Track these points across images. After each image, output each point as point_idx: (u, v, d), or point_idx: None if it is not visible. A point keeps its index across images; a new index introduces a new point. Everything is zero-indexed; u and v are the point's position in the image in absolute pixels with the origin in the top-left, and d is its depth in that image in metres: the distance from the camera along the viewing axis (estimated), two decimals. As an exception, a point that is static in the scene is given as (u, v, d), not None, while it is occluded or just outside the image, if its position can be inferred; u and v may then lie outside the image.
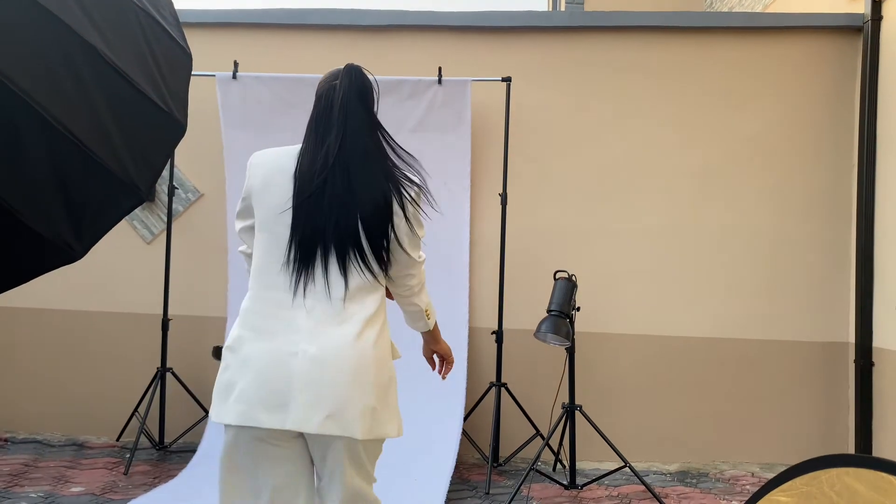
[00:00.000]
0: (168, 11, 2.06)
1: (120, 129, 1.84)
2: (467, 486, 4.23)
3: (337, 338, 1.94)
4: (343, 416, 1.91)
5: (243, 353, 1.96)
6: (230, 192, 4.80)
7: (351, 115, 2.05)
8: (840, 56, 4.85)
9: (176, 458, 4.60)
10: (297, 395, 1.90)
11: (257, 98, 4.76)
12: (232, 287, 4.76)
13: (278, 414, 1.90)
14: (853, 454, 1.69)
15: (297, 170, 2.01)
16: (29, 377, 5.09)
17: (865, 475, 1.59)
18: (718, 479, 4.50)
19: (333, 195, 1.97)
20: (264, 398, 1.91)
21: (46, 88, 1.72)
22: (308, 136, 2.07)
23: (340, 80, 2.08)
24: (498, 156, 4.81)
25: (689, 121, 4.90)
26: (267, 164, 2.06)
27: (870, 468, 1.59)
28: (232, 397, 1.94)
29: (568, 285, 4.06)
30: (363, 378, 1.94)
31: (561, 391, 4.40)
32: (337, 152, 1.99)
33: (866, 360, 4.58)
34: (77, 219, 1.81)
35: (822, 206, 4.85)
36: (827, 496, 1.64)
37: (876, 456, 1.64)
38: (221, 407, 1.96)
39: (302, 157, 2.03)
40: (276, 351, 1.93)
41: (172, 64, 2.03)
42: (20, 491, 3.96)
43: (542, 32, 4.97)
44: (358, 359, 1.94)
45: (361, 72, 2.10)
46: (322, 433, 1.90)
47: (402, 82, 4.73)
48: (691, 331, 4.85)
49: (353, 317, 1.98)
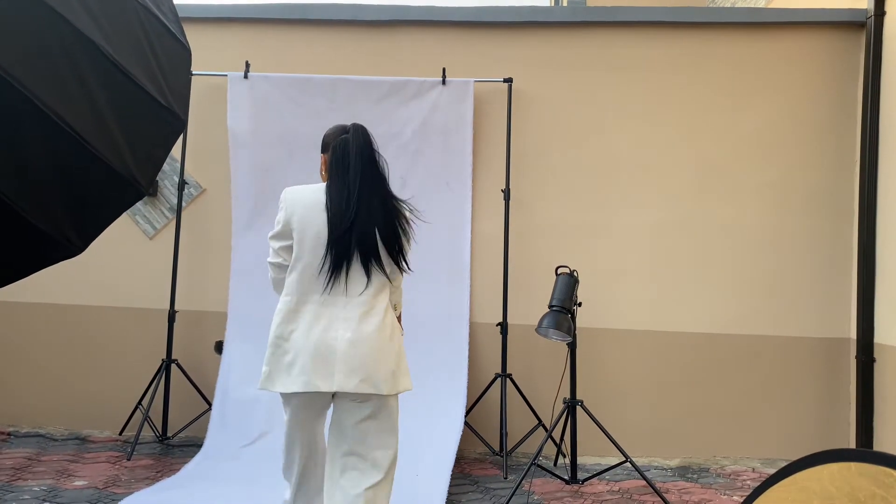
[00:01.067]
0: (167, 7, 2.07)
1: (120, 124, 1.85)
2: (469, 481, 4.24)
3: (365, 325, 2.71)
4: (373, 379, 2.68)
5: (300, 341, 2.70)
6: (235, 189, 4.83)
7: (365, 160, 2.82)
8: (843, 52, 4.83)
9: (178, 452, 4.62)
10: (340, 367, 2.66)
11: (265, 97, 4.83)
12: (234, 283, 4.77)
13: (328, 380, 2.66)
14: (855, 449, 1.69)
15: (327, 202, 2.75)
16: (31, 371, 5.11)
17: (868, 470, 1.58)
18: (719, 474, 4.51)
19: (358, 221, 2.71)
20: (319, 370, 2.66)
21: (47, 83, 1.72)
22: (332, 175, 2.80)
23: (352, 134, 2.83)
24: (500, 152, 4.82)
25: (692, 117, 4.89)
26: (303, 200, 2.79)
27: (872, 463, 1.59)
28: (294, 372, 2.68)
29: (570, 280, 4.06)
30: (385, 352, 2.72)
31: (562, 386, 4.41)
32: (358, 188, 2.75)
33: (867, 356, 4.58)
34: (77, 213, 1.81)
35: (824, 202, 4.84)
36: (827, 491, 1.64)
37: (878, 451, 1.64)
38: (287, 379, 2.69)
39: (329, 191, 2.77)
40: (324, 337, 2.69)
41: (172, 59, 2.03)
42: (23, 484, 3.98)
43: (544, 28, 4.96)
44: (379, 340, 2.71)
45: (365, 128, 2.89)
46: (358, 391, 2.67)
47: (406, 83, 4.79)
48: (693, 327, 4.85)
49: (373, 309, 2.75)
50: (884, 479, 1.55)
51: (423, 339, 4.61)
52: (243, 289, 4.75)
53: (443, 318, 4.69)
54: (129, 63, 1.87)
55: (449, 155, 4.80)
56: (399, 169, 4.77)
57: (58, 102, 1.72)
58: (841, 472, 1.63)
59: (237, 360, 4.64)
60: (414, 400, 4.51)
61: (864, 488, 1.58)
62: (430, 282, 4.67)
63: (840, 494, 1.62)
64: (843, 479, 1.62)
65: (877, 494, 1.55)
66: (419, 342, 4.62)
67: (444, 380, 4.57)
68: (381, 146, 4.67)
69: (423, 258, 4.70)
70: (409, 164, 4.78)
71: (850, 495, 1.60)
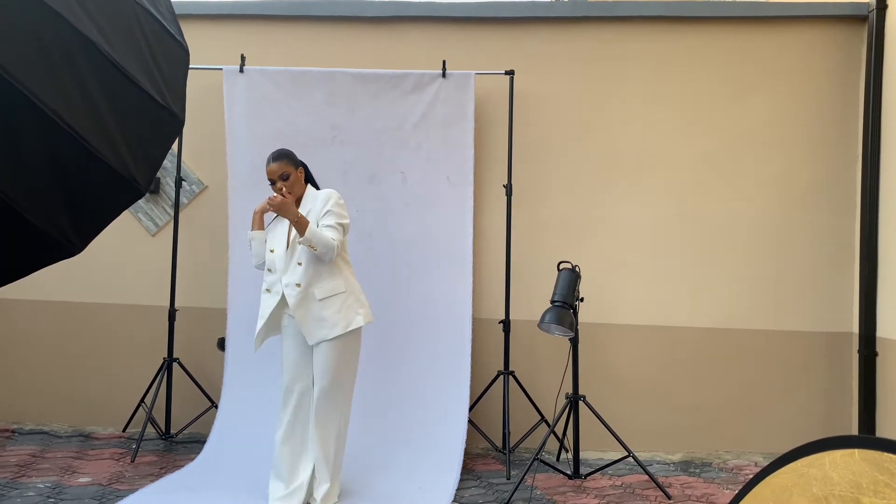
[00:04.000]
0: (165, 7, 2.07)
1: (118, 124, 1.85)
2: (472, 476, 4.25)
3: None
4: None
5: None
6: (232, 185, 4.77)
7: None
8: (845, 46, 4.81)
9: (182, 449, 4.64)
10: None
11: (262, 91, 4.76)
12: (232, 280, 4.72)
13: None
14: (858, 436, 1.69)
15: None
16: (35, 369, 5.13)
17: (871, 456, 1.58)
18: (722, 468, 4.51)
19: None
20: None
21: (46, 83, 1.73)
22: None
23: None
24: (501, 147, 4.81)
25: (694, 111, 4.88)
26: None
27: (877, 449, 1.58)
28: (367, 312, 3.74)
29: (572, 276, 4.06)
30: None
31: (565, 381, 4.41)
32: None
33: (870, 350, 4.57)
34: (76, 213, 1.82)
35: (827, 195, 4.83)
36: (828, 477, 1.64)
37: (882, 437, 1.63)
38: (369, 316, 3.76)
39: None
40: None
41: (170, 59, 2.04)
42: (28, 481, 4.00)
43: (545, 23, 4.95)
44: None
45: None
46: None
47: (406, 76, 4.72)
48: (695, 321, 4.85)
49: None
50: (889, 465, 1.54)
51: (425, 335, 4.61)
52: (242, 286, 4.68)
53: (445, 315, 4.66)
54: (127, 62, 1.87)
55: (450, 149, 4.73)
56: (399, 163, 4.73)
57: (56, 102, 1.73)
58: (843, 458, 1.62)
59: (239, 356, 4.63)
60: (417, 397, 4.55)
61: (867, 474, 1.57)
62: (431, 278, 4.65)
63: (841, 480, 1.61)
64: (845, 466, 1.62)
65: (879, 480, 1.55)
66: (421, 338, 4.62)
67: (447, 377, 4.56)
68: (380, 140, 4.73)
69: (425, 254, 4.69)
70: (409, 158, 4.72)
71: (852, 481, 1.59)
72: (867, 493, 1.57)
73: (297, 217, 3.50)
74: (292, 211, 3.51)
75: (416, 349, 4.62)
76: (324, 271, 3.61)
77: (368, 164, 4.74)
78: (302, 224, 3.49)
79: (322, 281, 3.60)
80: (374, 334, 4.50)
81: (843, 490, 1.61)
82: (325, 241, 3.50)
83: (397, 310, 4.62)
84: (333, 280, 3.62)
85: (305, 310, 3.58)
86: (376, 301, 4.59)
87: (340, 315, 3.59)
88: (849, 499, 1.59)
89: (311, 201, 3.68)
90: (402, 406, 4.53)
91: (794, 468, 1.71)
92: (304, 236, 3.48)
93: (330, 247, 3.52)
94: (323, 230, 3.55)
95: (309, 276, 3.59)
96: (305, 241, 3.49)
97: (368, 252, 4.58)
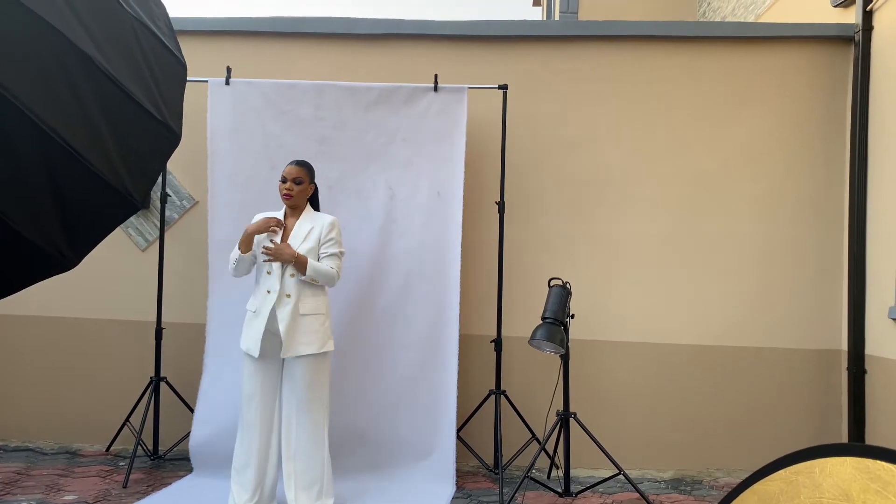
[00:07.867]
0: (163, 22, 2.07)
1: (115, 139, 1.85)
2: (462, 494, 4.23)
3: None
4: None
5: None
6: (213, 201, 4.64)
7: None
8: (831, 66, 4.88)
9: (170, 466, 4.59)
10: None
11: (249, 104, 4.67)
12: (212, 296, 4.60)
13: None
14: (849, 444, 1.69)
15: None
16: (21, 385, 5.07)
17: (865, 465, 1.58)
18: (713, 486, 4.51)
19: None
20: None
21: (42, 98, 1.72)
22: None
23: None
24: (493, 164, 4.82)
25: (683, 129, 4.93)
26: None
27: (870, 458, 1.58)
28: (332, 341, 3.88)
29: (562, 292, 4.07)
30: None
31: (556, 399, 4.41)
32: None
33: (859, 367, 4.60)
34: (71, 228, 1.81)
35: (815, 214, 4.87)
36: (817, 484, 1.64)
37: (876, 445, 1.63)
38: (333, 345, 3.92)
39: None
40: None
41: (167, 74, 2.03)
42: (12, 499, 3.94)
43: (536, 41, 4.99)
44: None
45: None
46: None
47: (397, 89, 4.66)
48: (685, 338, 4.87)
49: None
50: (882, 474, 1.55)
51: (412, 351, 4.54)
52: (222, 303, 4.55)
53: (433, 331, 4.58)
54: (123, 77, 1.87)
55: (440, 163, 4.63)
56: (388, 178, 4.66)
57: (53, 117, 1.72)
58: (835, 466, 1.62)
59: (216, 380, 4.51)
60: (404, 414, 4.50)
61: (859, 482, 1.57)
62: (418, 294, 4.57)
63: (830, 488, 1.61)
64: (836, 474, 1.62)
65: (871, 488, 1.55)
66: (409, 354, 4.56)
67: (434, 393, 4.51)
68: (369, 155, 4.70)
69: (411, 270, 4.63)
70: (398, 173, 4.63)
71: (841, 490, 1.59)
72: (857, 501, 1.57)
73: (293, 259, 3.69)
74: (288, 254, 3.69)
75: (403, 365, 4.57)
76: (308, 289, 3.78)
77: (356, 178, 4.67)
78: (300, 263, 3.70)
79: (306, 298, 3.75)
80: (360, 351, 4.47)
81: (832, 498, 1.61)
82: (324, 273, 3.76)
83: (384, 326, 4.57)
84: (316, 299, 3.80)
85: (291, 320, 3.69)
86: (363, 318, 4.56)
87: (317, 336, 3.75)
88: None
89: (313, 220, 3.86)
90: (389, 424, 4.48)
91: (782, 476, 1.71)
92: (306, 273, 3.71)
93: (330, 276, 3.78)
94: (323, 259, 3.79)
95: (298, 289, 3.74)
96: (308, 279, 3.71)
97: (355, 269, 4.52)
